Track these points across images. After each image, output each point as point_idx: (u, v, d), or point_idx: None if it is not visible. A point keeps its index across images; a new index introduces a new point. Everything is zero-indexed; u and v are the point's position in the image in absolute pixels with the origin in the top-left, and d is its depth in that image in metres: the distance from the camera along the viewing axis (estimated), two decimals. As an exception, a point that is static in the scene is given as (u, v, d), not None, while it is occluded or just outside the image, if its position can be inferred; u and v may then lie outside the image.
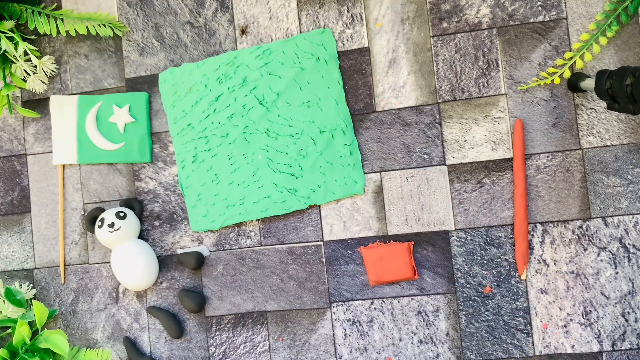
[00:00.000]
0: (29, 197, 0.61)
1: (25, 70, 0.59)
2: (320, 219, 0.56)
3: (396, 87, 0.55)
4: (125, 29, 0.59)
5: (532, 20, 0.53)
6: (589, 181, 0.52)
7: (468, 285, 0.53)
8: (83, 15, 0.58)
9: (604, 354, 0.51)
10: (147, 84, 0.59)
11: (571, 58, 0.52)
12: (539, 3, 0.53)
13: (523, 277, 0.52)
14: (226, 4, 0.58)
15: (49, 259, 0.60)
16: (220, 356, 0.57)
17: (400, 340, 0.54)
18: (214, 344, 0.57)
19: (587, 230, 0.52)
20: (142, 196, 0.59)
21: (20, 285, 0.60)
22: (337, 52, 0.56)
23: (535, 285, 0.52)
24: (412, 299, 0.54)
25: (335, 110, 0.55)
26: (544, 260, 0.52)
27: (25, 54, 0.58)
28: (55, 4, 0.60)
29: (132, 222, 0.56)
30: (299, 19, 0.57)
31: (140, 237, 0.58)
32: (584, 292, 0.52)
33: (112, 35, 0.58)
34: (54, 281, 0.60)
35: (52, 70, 0.60)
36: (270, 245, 0.56)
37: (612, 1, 0.52)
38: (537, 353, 0.52)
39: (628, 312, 0.51)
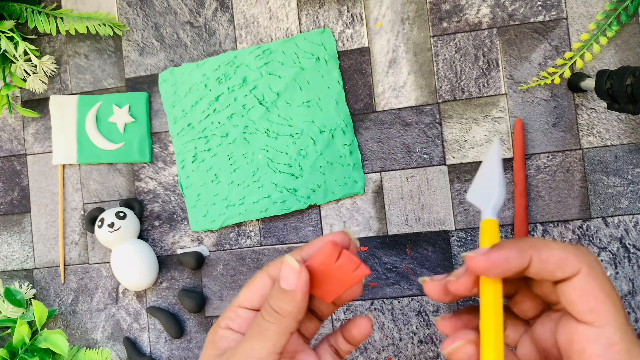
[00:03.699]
0: (29, 197, 0.61)
1: (25, 70, 0.59)
2: (320, 219, 0.56)
3: (396, 87, 0.55)
4: (125, 28, 0.59)
5: (532, 20, 0.53)
6: (589, 181, 0.52)
7: (468, 285, 0.53)
8: (83, 15, 0.58)
9: (604, 354, 0.51)
10: (147, 84, 0.59)
11: (571, 58, 0.52)
12: (539, 3, 0.53)
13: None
14: (226, 3, 0.58)
15: (48, 259, 0.60)
16: (220, 356, 0.57)
17: (400, 340, 0.54)
18: (214, 344, 0.57)
19: (587, 230, 0.52)
20: (142, 196, 0.59)
21: (20, 285, 0.59)
22: (337, 52, 0.56)
23: (536, 285, 0.52)
24: (412, 299, 0.54)
25: (335, 110, 0.55)
26: (544, 260, 0.52)
27: (25, 53, 0.58)
28: (55, 4, 0.60)
29: (132, 222, 0.56)
30: (299, 18, 0.57)
31: (140, 237, 0.58)
32: (584, 292, 0.52)
33: (112, 34, 0.58)
34: (53, 281, 0.60)
35: (52, 70, 0.60)
36: (270, 245, 0.56)
37: (612, 1, 0.52)
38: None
39: (628, 312, 0.51)
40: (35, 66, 0.59)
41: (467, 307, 0.31)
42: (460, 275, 0.28)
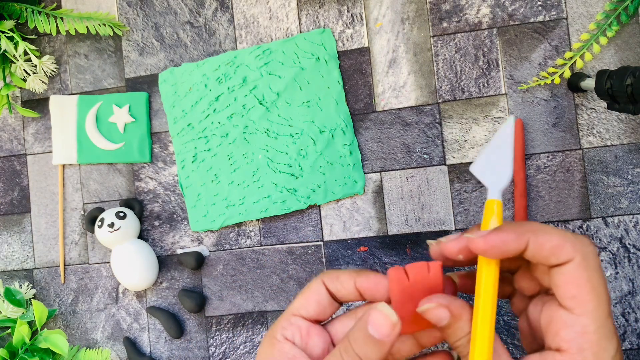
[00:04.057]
0: (29, 197, 0.61)
1: (25, 70, 0.59)
2: (320, 219, 0.56)
3: (396, 87, 0.55)
4: (125, 28, 0.59)
5: (532, 20, 0.53)
6: (589, 181, 0.52)
7: (468, 285, 0.53)
8: (83, 15, 0.58)
9: (604, 354, 0.51)
10: (147, 84, 0.59)
11: (571, 58, 0.52)
12: (539, 3, 0.53)
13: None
14: (226, 3, 0.58)
15: (48, 259, 0.60)
16: (220, 356, 0.57)
17: (400, 340, 0.54)
18: (214, 344, 0.57)
19: (587, 230, 0.52)
20: (142, 196, 0.59)
21: (20, 285, 0.60)
22: (337, 52, 0.56)
23: (536, 285, 0.52)
24: (412, 299, 0.54)
25: (335, 110, 0.55)
26: (544, 260, 0.52)
27: (25, 53, 0.58)
28: (55, 4, 0.60)
29: (132, 222, 0.56)
30: (299, 18, 0.57)
31: (140, 237, 0.58)
32: (584, 292, 0.52)
33: (112, 34, 0.58)
34: (53, 281, 0.60)
35: (52, 70, 0.60)
36: (270, 245, 0.56)
37: (612, 1, 0.52)
38: (537, 353, 0.52)
39: (628, 312, 0.51)
40: (35, 66, 0.59)
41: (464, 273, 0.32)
42: (450, 240, 0.29)
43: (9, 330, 0.58)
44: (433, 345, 0.31)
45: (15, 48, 0.57)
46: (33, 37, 0.60)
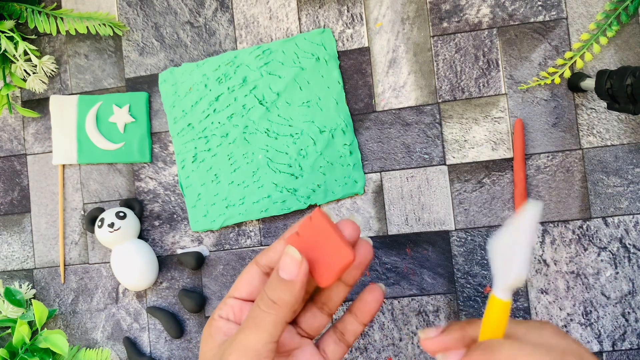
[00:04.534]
0: (29, 197, 0.61)
1: (25, 70, 0.59)
2: (320, 219, 0.56)
3: (396, 87, 0.55)
4: (125, 28, 0.59)
5: (532, 20, 0.53)
6: (589, 181, 0.52)
7: (468, 285, 0.53)
8: (83, 15, 0.58)
9: (604, 354, 0.51)
10: (147, 84, 0.59)
11: (571, 58, 0.52)
12: (539, 3, 0.53)
13: (523, 277, 0.52)
14: (226, 3, 0.58)
15: (48, 259, 0.60)
16: (220, 356, 0.57)
17: (400, 340, 0.54)
18: (214, 344, 0.57)
19: (587, 230, 0.52)
20: (142, 196, 0.59)
21: (20, 285, 0.59)
22: (337, 52, 0.56)
23: (536, 285, 0.52)
24: (412, 299, 0.54)
25: (335, 110, 0.55)
26: (544, 260, 0.52)
27: (25, 53, 0.58)
28: (55, 4, 0.60)
29: (132, 222, 0.56)
30: (299, 18, 0.57)
31: (140, 237, 0.58)
32: (584, 292, 0.52)
33: (112, 34, 0.58)
34: (53, 281, 0.60)
35: (52, 70, 0.60)
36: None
37: (612, 1, 0.52)
38: (537, 353, 0.52)
39: (628, 312, 0.51)
40: (35, 66, 0.59)
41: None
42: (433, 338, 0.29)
43: (9, 330, 0.58)
44: (358, 279, 0.31)
45: (15, 48, 0.57)
46: (33, 37, 0.60)
